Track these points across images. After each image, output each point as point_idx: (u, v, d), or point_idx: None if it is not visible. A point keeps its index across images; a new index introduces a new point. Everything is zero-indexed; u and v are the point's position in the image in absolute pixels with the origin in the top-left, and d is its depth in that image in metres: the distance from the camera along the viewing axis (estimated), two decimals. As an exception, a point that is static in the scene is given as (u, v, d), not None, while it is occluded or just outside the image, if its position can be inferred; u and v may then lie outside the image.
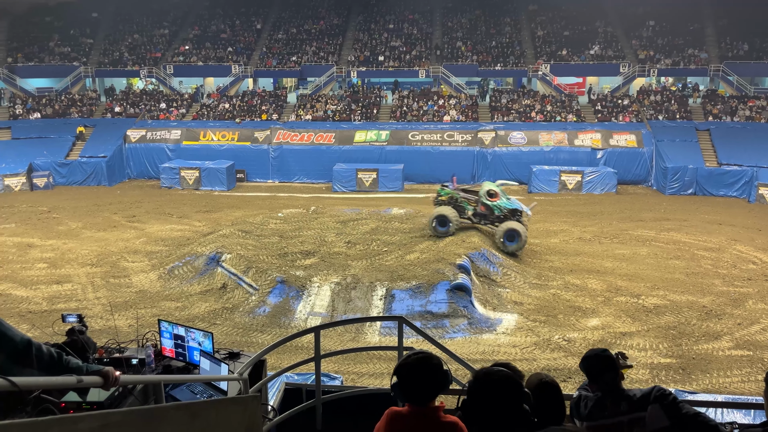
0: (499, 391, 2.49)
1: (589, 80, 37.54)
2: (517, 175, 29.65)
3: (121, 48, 38.61)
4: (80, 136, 32.18)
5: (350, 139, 31.18)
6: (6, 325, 2.70)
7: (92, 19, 40.37)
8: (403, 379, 2.73)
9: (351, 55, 37.42)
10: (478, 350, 12.73)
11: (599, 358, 3.36)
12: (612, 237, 20.70)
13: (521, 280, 16.45)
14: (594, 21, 38.11)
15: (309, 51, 37.85)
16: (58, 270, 17.25)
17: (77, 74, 36.81)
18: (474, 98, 34.65)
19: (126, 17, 40.51)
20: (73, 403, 3.27)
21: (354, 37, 39.22)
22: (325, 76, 36.08)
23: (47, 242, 20.32)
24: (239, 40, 39.11)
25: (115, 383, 2.99)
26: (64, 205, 25.76)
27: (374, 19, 40.62)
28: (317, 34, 39.40)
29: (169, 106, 34.65)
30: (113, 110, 34.62)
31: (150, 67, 37.04)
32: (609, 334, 13.27)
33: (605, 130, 30.60)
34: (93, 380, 2.87)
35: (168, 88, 36.90)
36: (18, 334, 2.74)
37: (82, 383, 2.78)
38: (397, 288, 14.88)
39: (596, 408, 3.28)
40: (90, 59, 37.81)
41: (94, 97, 36.37)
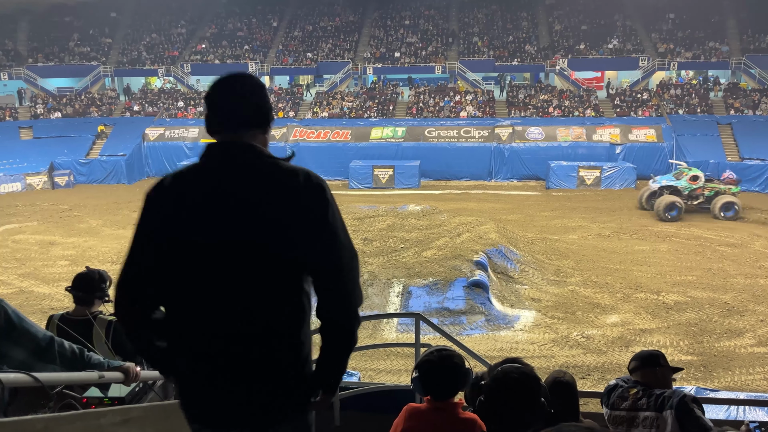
0: (518, 389, 2.48)
1: (608, 74, 37.16)
2: (535, 171, 29.48)
3: (139, 47, 39.00)
4: (100, 135, 32.59)
5: (366, 135, 31.19)
6: (29, 322, 2.74)
7: (111, 19, 40.81)
8: (424, 373, 2.74)
9: (367, 51, 37.41)
10: (496, 347, 12.67)
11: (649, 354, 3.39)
12: (631, 233, 20.48)
13: (539, 276, 16.33)
14: (612, 14, 37.67)
15: (325, 48, 37.92)
16: (79, 267, 17.39)
17: (96, 74, 37.26)
18: (491, 94, 34.45)
19: (144, 16, 40.89)
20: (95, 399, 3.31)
21: (370, 33, 39.20)
22: (341, 73, 36.12)
23: (68, 240, 20.61)
24: (256, 38, 39.30)
25: (136, 379, 3.03)
26: (85, 203, 26.12)
27: (390, 15, 40.55)
28: (333, 31, 39.45)
29: (186, 105, 34.94)
30: (132, 109, 35.00)
31: (168, 65, 37.38)
32: (628, 331, 13.13)
33: (624, 125, 30.26)
34: (114, 376, 2.92)
35: (185, 86, 37.20)
36: (41, 331, 2.79)
37: (103, 379, 2.82)
38: (413, 285, 14.85)
39: (619, 398, 3.27)
40: (109, 59, 38.25)
41: (113, 96, 36.81)
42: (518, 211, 24.01)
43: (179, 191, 1.98)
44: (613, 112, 32.15)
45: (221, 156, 1.99)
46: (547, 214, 23.77)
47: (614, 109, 32.40)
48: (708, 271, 16.60)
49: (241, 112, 2.02)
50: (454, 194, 27.40)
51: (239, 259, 1.89)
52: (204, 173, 1.99)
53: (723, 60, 34.08)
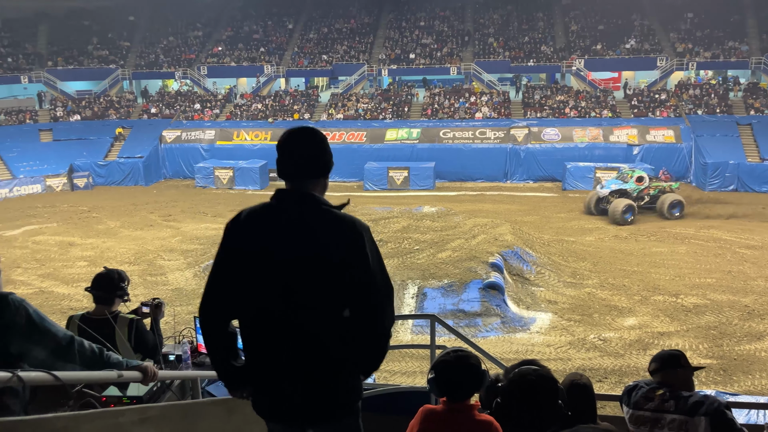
0: (535, 391, 2.47)
1: (625, 75, 36.83)
2: (551, 173, 29.30)
3: (156, 50, 39.39)
4: (118, 137, 32.97)
5: (381, 137, 31.22)
6: (49, 322, 2.77)
7: (129, 23, 41.27)
8: (440, 374, 2.74)
9: (382, 53, 37.45)
10: (512, 349, 12.61)
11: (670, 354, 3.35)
12: (649, 235, 20.28)
13: (555, 278, 16.23)
14: (630, 14, 37.33)
15: (340, 50, 38.02)
16: (97, 268, 17.54)
17: (115, 77, 37.70)
18: (506, 95, 34.32)
19: (161, 20, 41.28)
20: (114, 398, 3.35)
21: (385, 35, 39.24)
22: (357, 75, 36.19)
23: (87, 241, 20.87)
24: (271, 41, 39.51)
25: (154, 378, 3.05)
26: (103, 205, 26.43)
27: (405, 16, 40.57)
28: (348, 33, 39.55)
29: (203, 107, 35.22)
30: (149, 111, 35.36)
31: (184, 68, 37.71)
32: (646, 333, 13.00)
33: (642, 126, 29.97)
34: (133, 375, 2.94)
35: (202, 89, 37.50)
36: (61, 330, 2.82)
37: (122, 378, 2.85)
38: (428, 286, 14.83)
39: (643, 398, 3.23)
40: (127, 62, 38.68)
41: (131, 99, 37.22)
42: (534, 213, 23.89)
43: (253, 225, 2.47)
44: (631, 112, 31.85)
45: (288, 202, 2.48)
46: (563, 215, 23.62)
47: (632, 109, 32.10)
48: (728, 273, 16.37)
49: (308, 165, 2.51)
50: (469, 196, 27.32)
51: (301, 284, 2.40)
52: (274, 214, 2.47)
53: (743, 60, 33.61)
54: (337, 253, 2.39)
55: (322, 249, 2.40)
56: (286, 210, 2.46)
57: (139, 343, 4.17)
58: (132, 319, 4.22)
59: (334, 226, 2.42)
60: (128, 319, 4.20)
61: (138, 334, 4.17)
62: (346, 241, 2.40)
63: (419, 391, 4.79)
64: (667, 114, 31.10)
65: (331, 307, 2.45)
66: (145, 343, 4.21)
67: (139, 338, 4.18)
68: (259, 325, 2.47)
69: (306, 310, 2.41)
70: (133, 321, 4.22)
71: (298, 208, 2.45)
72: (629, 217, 21.78)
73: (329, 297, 2.43)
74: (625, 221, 21.67)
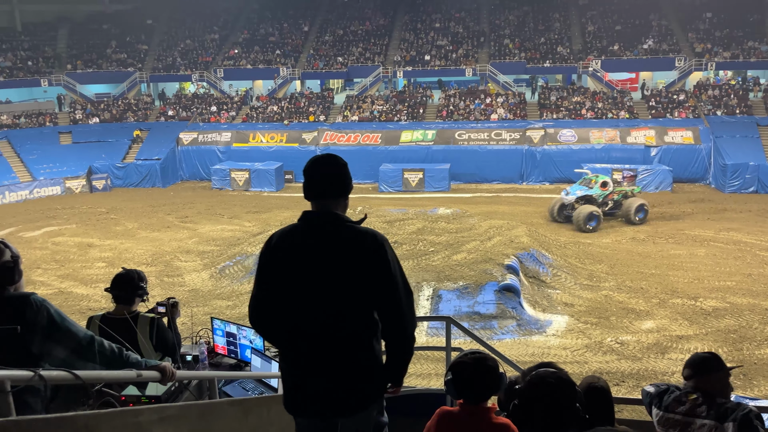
0: (554, 394, 2.45)
1: (643, 75, 36.48)
2: (568, 174, 29.06)
3: (174, 53, 39.76)
4: (136, 140, 33.33)
5: (396, 139, 31.23)
6: (70, 322, 2.81)
7: (147, 26, 41.72)
8: (457, 376, 2.73)
9: (397, 55, 37.46)
10: (528, 352, 12.54)
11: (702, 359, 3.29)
12: (667, 237, 20.06)
13: (572, 281, 16.11)
14: (647, 14, 36.99)
15: (355, 52, 38.10)
16: (116, 269, 17.72)
17: (133, 80, 38.12)
18: (522, 96, 34.16)
19: (179, 23, 41.69)
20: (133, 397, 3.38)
21: (400, 37, 39.26)
22: (372, 77, 36.24)
23: (106, 242, 21.11)
24: (287, 43, 39.70)
25: (172, 378, 3.08)
26: (121, 206, 26.72)
27: (420, 18, 40.56)
28: (363, 35, 39.62)
29: (219, 109, 35.48)
30: (167, 114, 35.69)
31: (201, 71, 38.02)
32: (665, 337, 12.85)
33: (660, 127, 29.68)
34: (151, 375, 2.98)
35: (218, 91, 37.79)
36: (81, 330, 2.86)
37: (141, 378, 2.89)
38: (444, 288, 14.80)
39: (676, 401, 3.19)
40: (145, 65, 39.09)
41: (148, 101, 37.62)
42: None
43: (284, 245, 2.80)
44: (648, 113, 31.54)
45: (314, 222, 2.79)
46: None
47: (649, 110, 31.79)
48: (748, 276, 16.14)
49: (330, 187, 2.80)
50: (484, 197, 27.22)
51: (329, 293, 2.70)
52: (302, 233, 2.80)
53: (763, 60, 33.12)
54: (362, 264, 2.68)
55: (348, 262, 2.68)
56: (313, 229, 2.76)
57: (159, 342, 4.22)
58: (153, 318, 4.28)
59: (357, 241, 2.70)
60: (149, 318, 4.25)
61: (159, 333, 4.22)
62: (369, 254, 2.68)
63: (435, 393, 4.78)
64: (686, 115, 30.76)
65: (357, 314, 2.73)
66: (165, 342, 4.26)
67: (160, 337, 4.23)
68: (294, 331, 2.78)
69: (335, 317, 2.71)
70: (154, 320, 4.27)
71: (323, 227, 2.75)
72: (593, 225, 21.39)
73: (356, 304, 2.72)
74: (588, 229, 21.27)
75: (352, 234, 2.72)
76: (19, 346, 2.58)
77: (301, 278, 2.72)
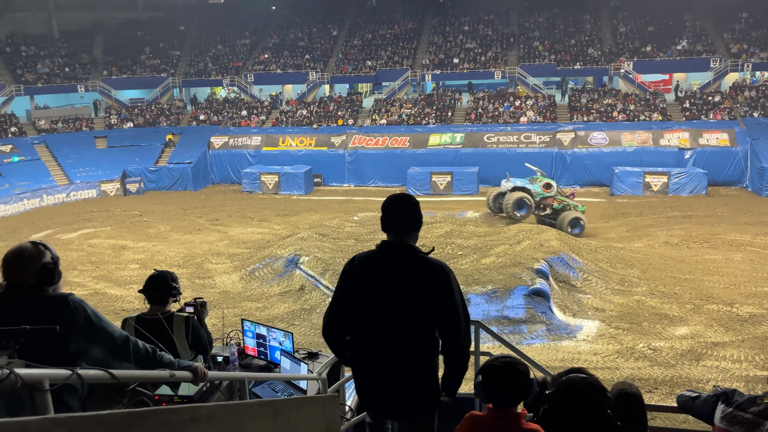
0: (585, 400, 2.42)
1: (676, 77, 35.81)
2: (598, 177, 28.75)
3: (205, 58, 40.41)
4: (168, 144, 33.95)
5: (424, 142, 31.20)
6: (106, 322, 2.88)
7: (179, 32, 42.50)
8: (487, 379, 2.72)
9: (425, 58, 37.44)
10: (557, 357, 12.38)
11: None
12: (702, 241, 19.61)
13: (603, 285, 15.86)
14: (681, 14, 36.29)
15: (384, 56, 38.20)
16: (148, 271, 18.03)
17: (165, 85, 38.85)
18: (552, 98, 33.81)
19: (210, 29, 42.36)
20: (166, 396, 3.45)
21: (429, 40, 39.23)
22: (400, 80, 36.28)
23: (139, 244, 21.52)
24: (316, 48, 40.01)
25: (204, 378, 3.13)
26: (154, 209, 27.21)
27: (449, 21, 40.47)
28: (392, 39, 39.71)
29: (249, 114, 35.93)
30: (198, 118, 36.28)
31: (232, 76, 38.56)
32: (699, 344, 12.56)
33: (694, 129, 29.07)
34: (184, 375, 3.03)
35: (249, 95, 38.27)
36: (117, 330, 2.92)
37: (174, 378, 2.94)
38: (472, 292, 14.70)
39: (749, 401, 3.16)
40: (177, 70, 39.81)
41: (180, 106, 38.29)
42: (581, 218, 23.39)
43: (364, 268, 3.22)
44: (682, 115, 30.92)
45: (391, 251, 3.20)
46: (611, 221, 23.10)
47: (683, 112, 31.16)
48: (787, 282, 15.68)
49: (405, 223, 3.21)
50: (513, 201, 26.94)
51: (400, 313, 3.11)
52: (380, 259, 3.21)
53: (802, 59, 32.23)
54: (429, 291, 3.08)
55: (417, 288, 3.09)
56: (389, 257, 3.17)
57: (194, 341, 4.31)
58: (187, 317, 4.37)
59: (426, 270, 3.12)
60: (184, 317, 4.34)
61: (194, 332, 4.31)
62: (436, 282, 3.09)
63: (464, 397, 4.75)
64: (721, 117, 30.07)
65: (422, 332, 3.14)
66: (200, 340, 4.36)
67: (195, 335, 4.32)
68: (365, 343, 3.23)
69: (403, 335, 3.13)
70: (189, 319, 4.36)
71: (398, 257, 3.16)
72: (522, 213, 20.51)
73: (421, 324, 3.12)
74: (516, 216, 20.40)
75: (423, 264, 3.14)
76: (58, 346, 2.65)
77: (376, 299, 3.14)
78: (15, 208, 27.46)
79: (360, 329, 3.21)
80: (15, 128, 33.53)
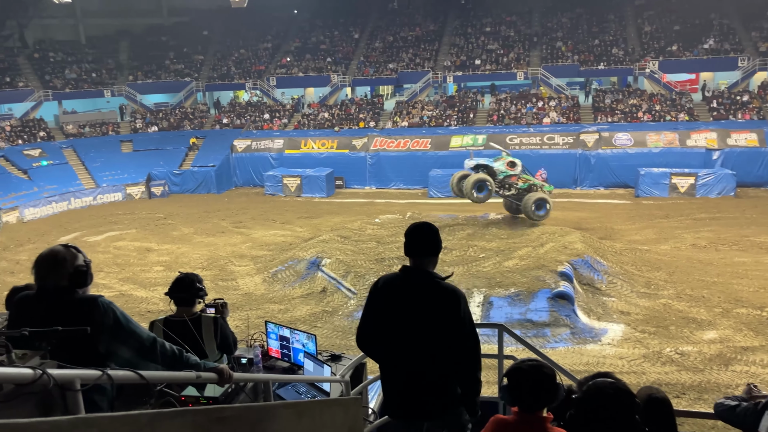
0: (612, 405, 2.39)
1: (703, 76, 35.17)
2: (623, 179, 28.38)
3: (228, 63, 40.85)
4: (192, 147, 34.37)
5: (446, 144, 31.10)
6: (134, 323, 2.93)
7: (203, 37, 43.01)
8: (513, 382, 2.70)
9: (447, 60, 37.36)
10: (582, 361, 12.23)
11: None
12: (731, 244, 19.23)
13: (628, 288, 15.64)
14: (708, 13, 35.67)
15: (405, 58, 38.21)
16: (173, 273, 18.34)
17: (189, 89, 39.35)
18: (575, 99, 33.48)
19: (233, 33, 42.81)
20: (192, 397, 3.49)
21: (450, 41, 39.14)
22: (422, 83, 36.26)
23: (163, 246, 21.80)
24: (338, 50, 40.18)
25: (229, 380, 3.16)
26: (178, 212, 27.55)
27: (471, 23, 40.34)
28: (413, 41, 39.70)
29: (272, 117, 36.20)
30: (221, 122, 36.66)
31: (254, 79, 38.91)
32: (728, 348, 12.31)
33: (722, 129, 28.53)
34: (209, 376, 3.06)
35: (271, 99, 38.57)
36: (145, 332, 2.97)
37: (200, 379, 2.97)
38: (495, 295, 14.61)
39: None
40: (201, 74, 40.30)
41: (204, 110, 38.74)
42: (605, 220, 23.13)
43: (387, 289, 3.62)
44: (710, 115, 30.39)
45: (411, 276, 3.57)
46: (636, 223, 22.77)
47: (710, 112, 30.62)
48: (819, 285, 15.29)
49: (425, 249, 3.55)
50: (536, 203, 26.72)
51: (416, 331, 3.47)
52: (401, 283, 3.58)
53: (834, 57, 31.48)
54: (440, 312, 3.42)
55: (430, 309, 3.44)
56: (409, 281, 3.54)
57: (222, 341, 4.37)
58: (215, 318, 4.42)
59: (438, 294, 3.45)
60: (212, 318, 4.40)
61: (222, 332, 4.38)
62: (449, 305, 3.41)
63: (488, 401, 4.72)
64: (750, 116, 29.48)
65: (435, 350, 3.46)
66: (227, 340, 4.43)
67: (223, 336, 4.39)
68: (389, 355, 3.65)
69: (418, 350, 3.48)
70: (217, 319, 4.42)
71: (417, 281, 3.51)
72: (481, 194, 19.81)
73: (433, 343, 3.43)
74: (474, 197, 19.76)
75: (436, 288, 3.47)
76: (88, 347, 2.70)
77: (397, 318, 3.52)
78: (44, 211, 28.02)
79: (386, 342, 3.61)
80: (44, 133, 34.24)
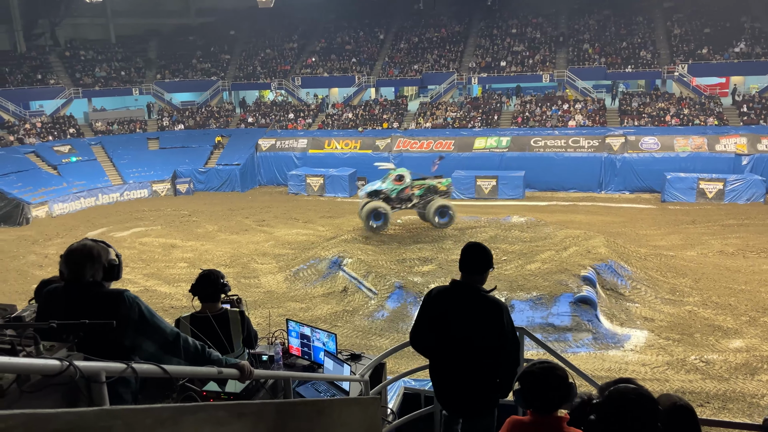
0: (635, 411, 2.36)
1: (734, 80, 34.52)
2: (649, 183, 27.97)
3: (254, 62, 41.21)
4: (217, 146, 34.74)
5: (469, 146, 30.97)
6: (159, 318, 2.98)
7: (230, 37, 43.46)
8: (525, 385, 2.69)
9: (472, 61, 37.21)
10: (604, 367, 12.10)
11: None
12: (759, 251, 18.85)
13: (652, 294, 15.42)
14: (739, 16, 34.97)
15: (430, 59, 38.14)
16: (196, 270, 18.61)
17: (216, 88, 39.78)
18: (601, 102, 33.09)
19: (259, 33, 43.17)
20: (213, 393, 3.54)
21: (475, 43, 38.98)
22: (446, 84, 36.16)
23: (188, 243, 22.08)
24: (362, 51, 40.27)
25: (250, 376, 3.19)
26: (203, 209, 27.87)
27: (496, 24, 40.11)
28: (438, 42, 39.61)
29: (296, 117, 36.42)
30: (246, 121, 37.00)
31: (280, 79, 39.19)
32: (755, 357, 12.07)
33: (752, 134, 27.95)
34: (231, 372, 3.09)
35: (296, 99, 38.81)
36: (168, 327, 3.02)
37: (221, 375, 3.01)
38: (516, 298, 14.51)
39: None
40: (227, 74, 40.72)
41: (229, 109, 39.13)
42: (630, 225, 22.83)
43: (439, 300, 4.10)
44: (740, 120, 29.79)
45: (460, 289, 4.04)
46: (662, 228, 22.43)
47: (741, 117, 30.02)
48: None
49: (477, 266, 4.04)
50: (560, 206, 26.53)
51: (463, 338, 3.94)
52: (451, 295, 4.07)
53: None
54: (488, 322, 3.89)
55: (479, 320, 3.92)
56: (459, 294, 4.02)
57: (247, 335, 4.45)
58: (242, 312, 4.50)
59: (486, 306, 3.93)
60: (238, 313, 4.47)
61: (248, 327, 4.48)
62: (494, 316, 3.89)
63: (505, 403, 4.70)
64: (782, 121, 28.83)
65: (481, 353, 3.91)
66: (250, 335, 4.51)
67: (248, 330, 4.47)
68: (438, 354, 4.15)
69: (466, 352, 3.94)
70: (243, 314, 4.50)
71: (466, 294, 3.98)
72: (377, 223, 19.55)
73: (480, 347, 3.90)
74: (373, 227, 19.53)
75: (483, 301, 3.94)
76: (113, 340, 2.75)
77: (446, 326, 3.99)
78: (72, 206, 28.57)
79: (435, 345, 4.10)
80: (73, 129, 34.92)
